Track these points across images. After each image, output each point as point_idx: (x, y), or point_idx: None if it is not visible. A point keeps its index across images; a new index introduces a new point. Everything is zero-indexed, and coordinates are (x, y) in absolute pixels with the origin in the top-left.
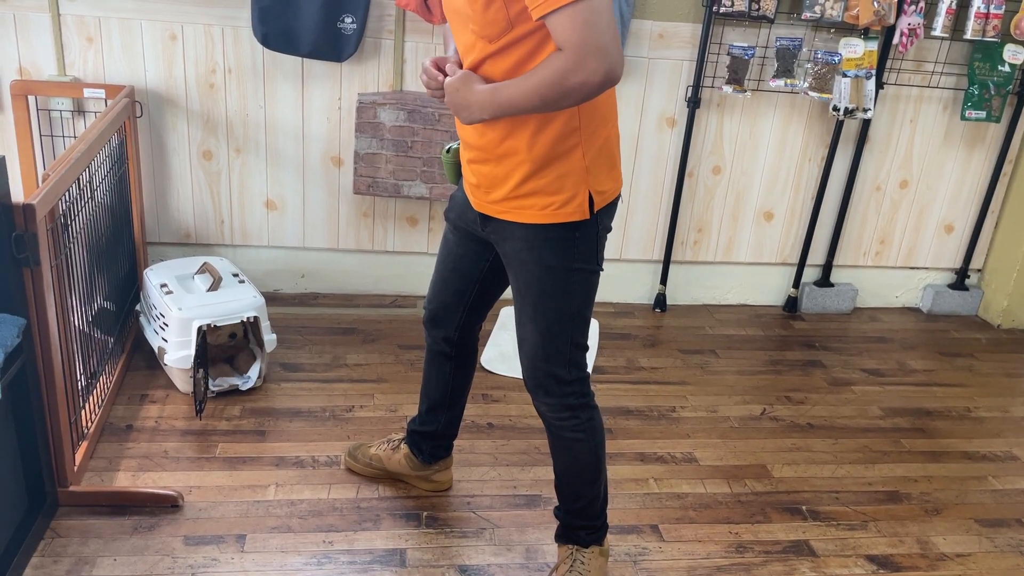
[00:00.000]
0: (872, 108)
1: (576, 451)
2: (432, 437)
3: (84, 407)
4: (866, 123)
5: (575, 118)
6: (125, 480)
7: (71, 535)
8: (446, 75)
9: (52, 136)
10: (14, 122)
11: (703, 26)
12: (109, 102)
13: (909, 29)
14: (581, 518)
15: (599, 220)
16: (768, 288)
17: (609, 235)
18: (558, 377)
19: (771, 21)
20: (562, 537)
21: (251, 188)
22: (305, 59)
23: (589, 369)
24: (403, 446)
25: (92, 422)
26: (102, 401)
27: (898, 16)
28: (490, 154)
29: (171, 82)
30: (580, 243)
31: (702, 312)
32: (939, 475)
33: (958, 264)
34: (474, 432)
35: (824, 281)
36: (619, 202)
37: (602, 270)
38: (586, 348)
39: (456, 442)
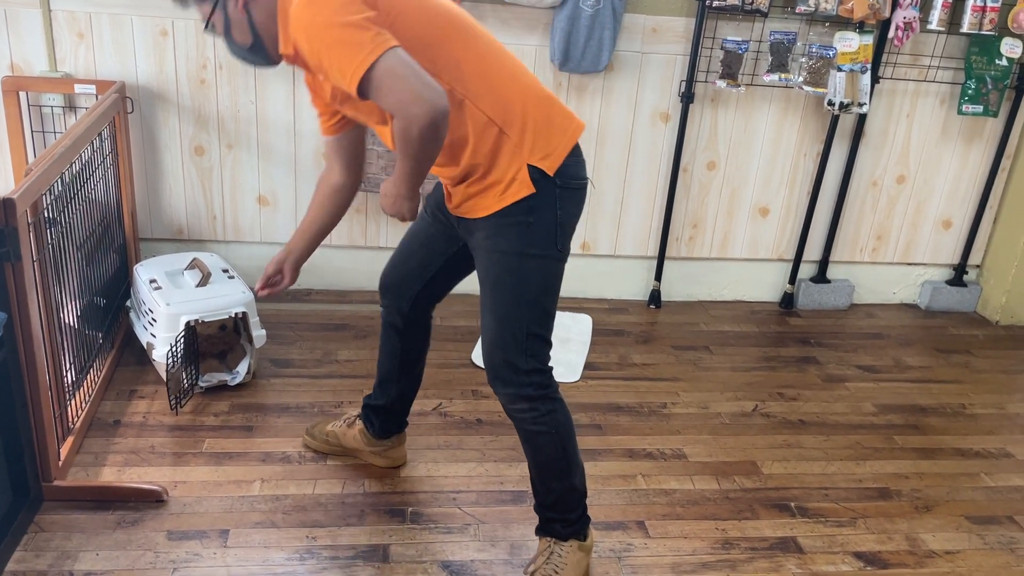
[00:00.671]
0: (868, 103)
1: (539, 444)
2: (382, 411)
3: (71, 402)
4: (862, 118)
5: (479, 114)
6: (111, 475)
7: (54, 529)
8: (283, 276)
9: (44, 132)
10: (5, 118)
11: (696, 20)
12: (100, 98)
13: (905, 23)
14: (555, 511)
15: (558, 203)
16: (764, 284)
17: (599, 230)
18: (515, 366)
19: (765, 15)
20: (541, 530)
21: (243, 184)
22: None
23: (578, 369)
24: (358, 422)
25: (79, 417)
26: (90, 396)
27: (893, 9)
28: (455, 180)
29: (162, 78)
30: (536, 228)
31: (697, 308)
32: (931, 472)
33: (956, 260)
34: (463, 428)
35: (820, 277)
36: (585, 190)
37: (565, 258)
38: (546, 340)
39: (444, 438)
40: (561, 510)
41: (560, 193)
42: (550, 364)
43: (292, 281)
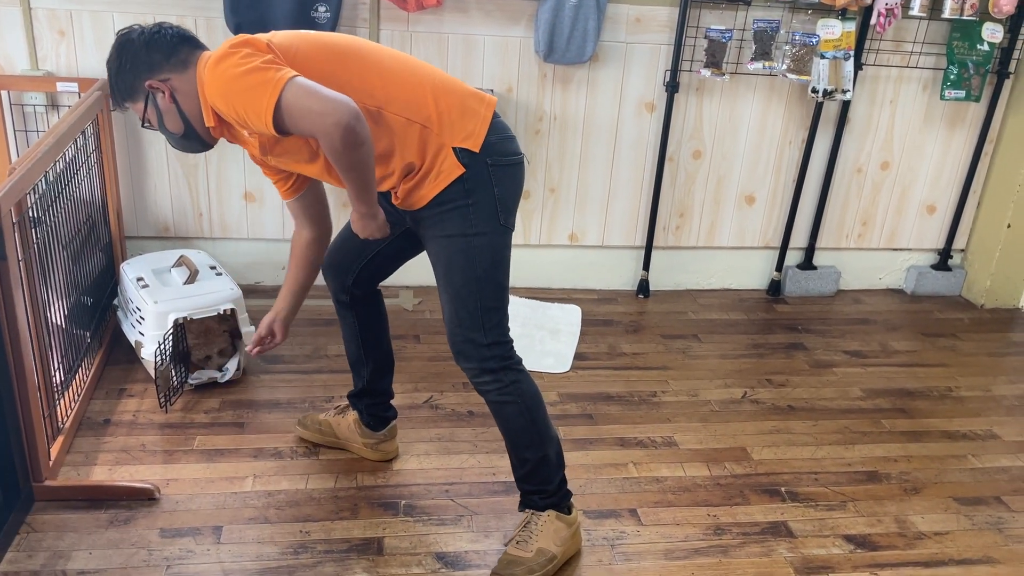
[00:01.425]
0: (851, 89)
1: (506, 415)
2: (365, 396)
3: (60, 402)
4: (846, 105)
5: (395, 118)
6: (102, 474)
7: (46, 529)
8: (275, 335)
9: (26, 131)
10: None
11: (680, 9)
12: (83, 95)
13: (887, 9)
14: (530, 483)
15: (493, 181)
16: (751, 272)
17: (586, 221)
18: (475, 341)
19: (748, 3)
20: (521, 504)
21: (229, 180)
22: None
23: (568, 360)
24: (351, 411)
25: (69, 417)
26: (79, 396)
27: None
28: (398, 180)
29: None
30: (476, 209)
31: (685, 297)
32: (919, 455)
33: (941, 245)
34: (454, 420)
35: (807, 264)
36: (521, 166)
37: (511, 229)
38: (502, 312)
39: (436, 430)
40: (537, 482)
41: (493, 171)
42: (510, 336)
43: (283, 338)
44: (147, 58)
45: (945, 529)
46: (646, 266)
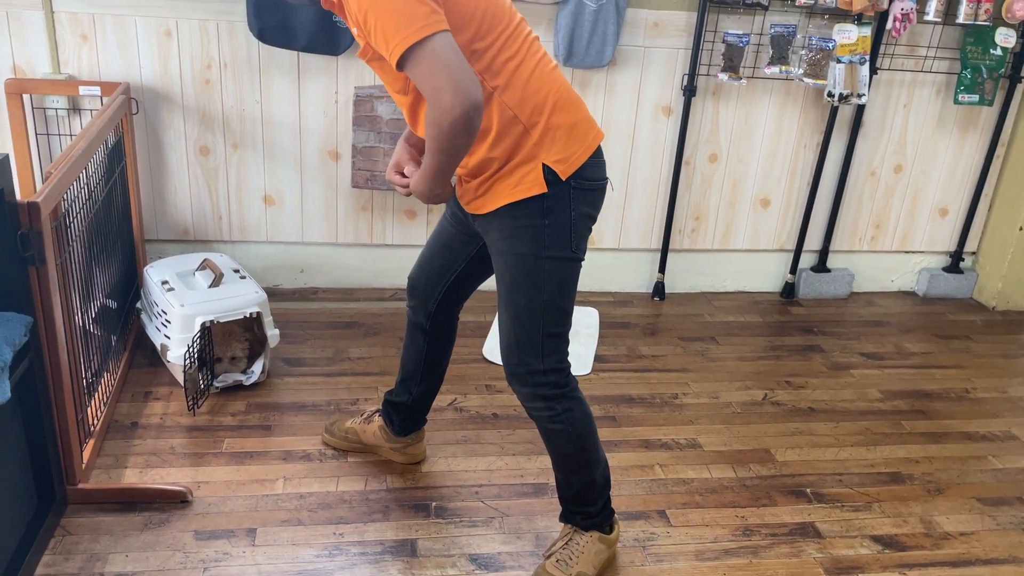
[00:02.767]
0: (866, 93)
1: (557, 441)
2: (403, 409)
3: (90, 405)
4: (860, 108)
5: (506, 109)
6: (133, 477)
7: (81, 532)
8: (406, 177)
9: (48, 135)
10: (9, 121)
11: (698, 14)
12: (105, 99)
13: (902, 14)
14: (575, 504)
15: (571, 205)
16: (766, 274)
17: (603, 224)
18: (531, 367)
19: (765, 8)
20: (563, 517)
21: (249, 184)
22: (301, 53)
23: (589, 362)
24: (377, 418)
25: (98, 420)
26: (106, 399)
27: (891, 1)
28: (470, 171)
29: (167, 78)
30: (550, 231)
31: (700, 300)
32: (940, 456)
33: (953, 247)
34: (479, 422)
35: (821, 267)
36: (603, 191)
37: (581, 258)
38: (563, 339)
39: (462, 433)
40: (581, 503)
41: (574, 194)
42: (568, 362)
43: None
44: None
45: (971, 529)
46: (662, 269)
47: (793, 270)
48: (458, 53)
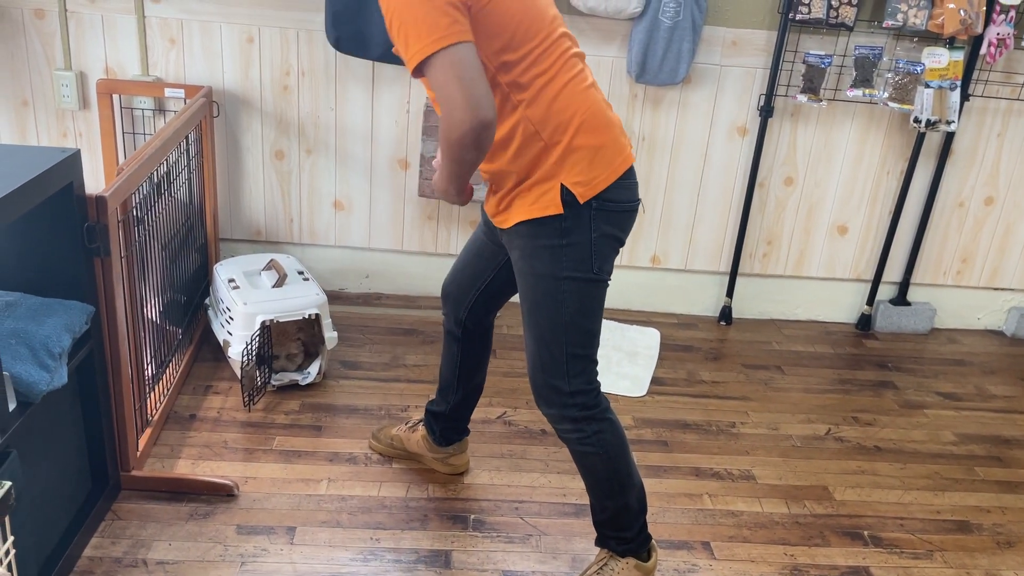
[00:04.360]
0: (956, 121)
1: (588, 464)
2: (442, 418)
3: (151, 395)
4: (949, 136)
5: (528, 124)
6: (185, 467)
7: (130, 518)
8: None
9: (134, 133)
10: (99, 119)
11: (778, 33)
12: (188, 102)
13: (998, 39)
14: (610, 528)
15: (592, 226)
16: (840, 304)
17: (670, 244)
18: (557, 388)
19: (850, 29)
20: (598, 541)
21: (320, 188)
22: (375, 63)
23: (645, 384)
24: (421, 427)
25: (158, 410)
26: (168, 390)
27: (986, 25)
28: (492, 180)
29: (247, 83)
30: (569, 251)
31: (769, 327)
32: (1014, 506)
33: None
34: (527, 438)
35: (900, 299)
36: (633, 213)
37: (604, 280)
38: (590, 359)
39: (508, 447)
40: (616, 528)
41: (596, 215)
42: (597, 382)
43: None
44: None
45: None
46: (730, 292)
47: (870, 301)
48: (476, 67)
